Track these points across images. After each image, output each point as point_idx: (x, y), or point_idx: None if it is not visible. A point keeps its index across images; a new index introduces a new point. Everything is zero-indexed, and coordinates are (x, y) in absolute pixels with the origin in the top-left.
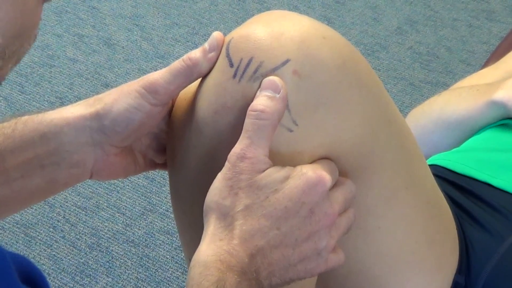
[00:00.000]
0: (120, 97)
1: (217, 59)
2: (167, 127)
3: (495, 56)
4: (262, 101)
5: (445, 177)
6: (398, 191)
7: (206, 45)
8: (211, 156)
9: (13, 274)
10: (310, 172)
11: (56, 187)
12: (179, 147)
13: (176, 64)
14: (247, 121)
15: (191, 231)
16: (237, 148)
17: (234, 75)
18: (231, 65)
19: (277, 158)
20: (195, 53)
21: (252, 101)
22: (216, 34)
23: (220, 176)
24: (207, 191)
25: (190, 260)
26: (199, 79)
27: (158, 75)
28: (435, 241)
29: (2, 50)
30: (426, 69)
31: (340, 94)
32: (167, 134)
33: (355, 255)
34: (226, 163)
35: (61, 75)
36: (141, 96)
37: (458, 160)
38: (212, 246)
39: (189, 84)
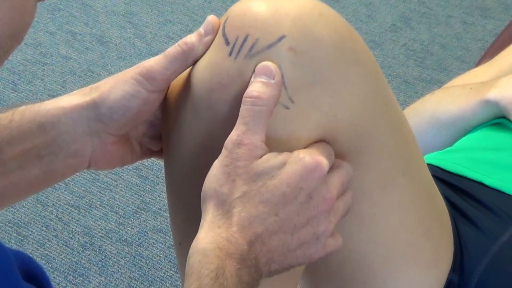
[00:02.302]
0: (117, 84)
1: (211, 42)
2: (162, 111)
3: (489, 53)
4: (257, 87)
5: (439, 176)
6: (395, 177)
7: (202, 29)
8: (206, 135)
9: (15, 272)
10: (307, 157)
11: (54, 178)
12: (174, 127)
13: (172, 49)
14: (243, 107)
15: (183, 213)
16: (233, 135)
17: (230, 53)
18: (227, 43)
19: (274, 137)
20: (191, 38)
21: (248, 78)
22: (211, 18)
23: (217, 163)
24: (201, 171)
25: (179, 243)
26: None
27: (154, 61)
28: (431, 233)
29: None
30: (421, 66)
31: (337, 72)
32: (162, 117)
33: (350, 243)
34: (223, 149)
35: (54, 73)
36: (138, 83)
37: (451, 160)
38: (210, 234)
39: (185, 69)
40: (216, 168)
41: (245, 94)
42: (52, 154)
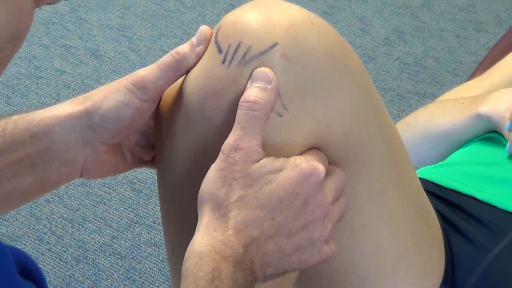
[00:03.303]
0: (110, 94)
1: (203, 52)
2: (154, 120)
3: (482, 67)
4: (254, 92)
5: (431, 191)
6: (386, 189)
7: (194, 39)
8: (199, 143)
9: (13, 268)
10: (304, 163)
11: (47, 186)
12: (167, 136)
13: (164, 58)
14: (240, 112)
15: (176, 222)
16: (230, 139)
17: (223, 61)
18: (220, 51)
19: (268, 144)
20: (183, 47)
21: (241, 86)
22: (204, 28)
23: (213, 167)
24: (194, 179)
25: (172, 253)
26: None
27: (146, 71)
28: (422, 245)
29: None
30: (414, 79)
31: (330, 80)
32: (154, 126)
33: (341, 254)
34: (220, 154)
35: (48, 87)
36: (131, 92)
37: (443, 174)
38: (206, 237)
39: (178, 78)
40: (212, 172)
41: (241, 99)
42: (45, 163)
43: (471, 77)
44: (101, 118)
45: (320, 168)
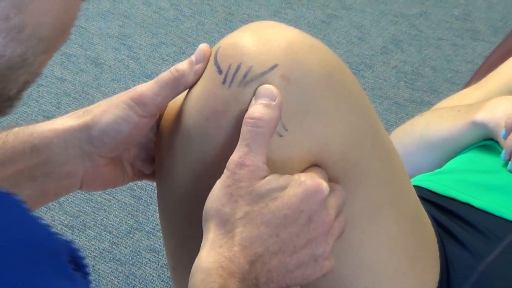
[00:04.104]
0: (109, 108)
1: (203, 70)
2: (155, 137)
3: (478, 75)
4: (258, 109)
5: (428, 198)
6: (382, 205)
7: (193, 57)
8: (200, 162)
9: (65, 260)
10: (309, 181)
11: (47, 198)
12: (168, 154)
13: (164, 75)
14: (244, 128)
15: (176, 238)
16: (235, 156)
17: (224, 81)
18: (220, 72)
19: (268, 164)
20: (182, 65)
21: (243, 105)
22: (203, 46)
23: (219, 184)
24: (194, 197)
25: (173, 268)
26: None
27: (145, 87)
28: (418, 257)
29: (49, 43)
30: (411, 88)
31: (328, 102)
32: (155, 143)
33: (338, 268)
34: (225, 170)
35: (48, 94)
36: (129, 107)
37: (440, 182)
38: (212, 253)
39: (176, 95)
40: (218, 189)
41: (246, 115)
42: (44, 175)
43: (467, 85)
44: (99, 132)
45: (324, 185)
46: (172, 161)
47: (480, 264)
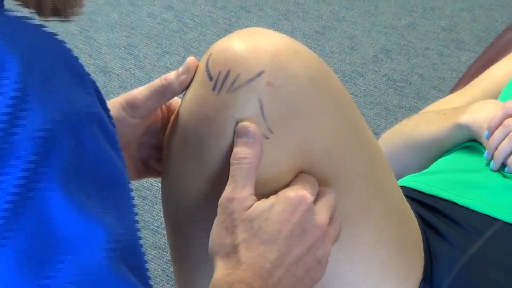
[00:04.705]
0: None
1: (189, 81)
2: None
3: (462, 82)
4: (240, 149)
5: (414, 198)
6: (370, 201)
7: (180, 68)
8: (194, 163)
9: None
10: (292, 194)
11: None
12: (168, 155)
13: (155, 82)
14: (232, 168)
15: (177, 232)
16: (225, 193)
17: (214, 87)
18: (210, 78)
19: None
20: (171, 75)
21: (231, 111)
22: (190, 59)
23: (215, 223)
24: (190, 195)
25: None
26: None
27: (138, 91)
28: (404, 249)
29: None
30: (400, 94)
31: (311, 105)
32: (164, 143)
33: (331, 262)
34: (218, 208)
35: None
36: (122, 108)
37: (426, 182)
38: (222, 278)
39: (164, 101)
40: (215, 227)
41: (232, 156)
42: None
43: (452, 91)
44: None
45: (307, 195)
46: (171, 161)
47: (462, 257)
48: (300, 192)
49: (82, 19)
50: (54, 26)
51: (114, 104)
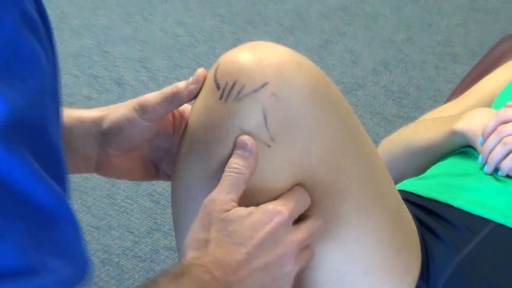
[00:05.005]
0: (120, 108)
1: (197, 91)
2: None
3: (456, 93)
4: (235, 160)
5: (412, 201)
6: (368, 204)
7: (190, 79)
8: (200, 168)
9: None
10: (271, 206)
11: None
12: (177, 159)
13: (166, 89)
14: (224, 174)
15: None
16: (210, 195)
17: (221, 97)
18: (218, 87)
19: (259, 173)
20: (181, 84)
21: (236, 119)
22: (199, 71)
23: (195, 220)
24: (193, 199)
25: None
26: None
27: (150, 96)
28: (401, 249)
29: None
30: (398, 105)
31: (312, 115)
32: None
33: (332, 264)
34: (201, 207)
35: None
36: (134, 110)
37: (423, 186)
38: (185, 260)
39: (173, 108)
40: (194, 224)
41: (227, 165)
42: (66, 151)
43: (447, 101)
44: (107, 126)
45: (283, 210)
46: (179, 165)
47: (457, 256)
48: (278, 207)
49: (98, 33)
50: (71, 41)
51: (128, 105)
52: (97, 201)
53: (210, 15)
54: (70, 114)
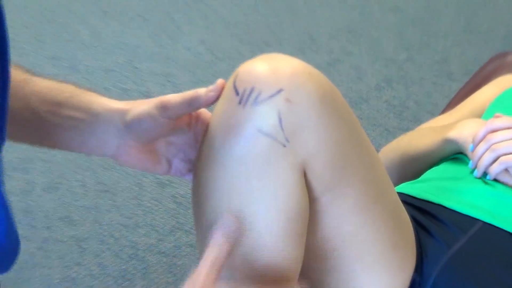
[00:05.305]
0: (143, 104)
1: (215, 98)
2: (193, 142)
3: (451, 104)
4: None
5: (408, 202)
6: (368, 204)
7: (210, 87)
8: (219, 167)
9: None
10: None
11: (84, 149)
12: (198, 159)
13: (187, 92)
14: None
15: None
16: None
17: (240, 102)
18: (237, 93)
19: (274, 170)
20: (201, 90)
21: (253, 122)
22: (219, 81)
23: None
24: (213, 193)
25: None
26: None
27: (172, 96)
28: (398, 245)
29: None
30: (399, 118)
31: (320, 119)
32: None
33: (336, 257)
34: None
35: None
36: (155, 107)
37: (419, 188)
38: None
39: (190, 110)
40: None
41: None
42: (88, 132)
43: (441, 113)
44: (130, 119)
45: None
46: (200, 164)
47: (448, 252)
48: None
49: (128, 51)
50: (104, 58)
51: (151, 102)
52: (125, 202)
53: (230, 35)
54: (100, 101)
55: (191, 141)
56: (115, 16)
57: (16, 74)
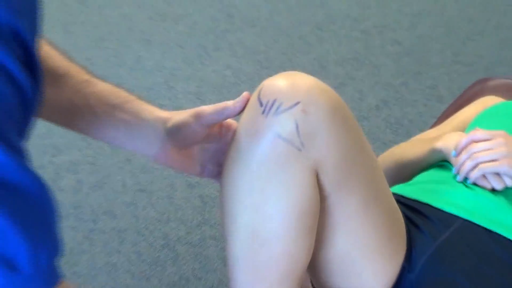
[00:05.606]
0: (182, 113)
1: (241, 109)
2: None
3: (438, 122)
4: None
5: (401, 201)
6: (369, 201)
7: (237, 99)
8: (244, 170)
9: None
10: None
11: (130, 145)
12: (225, 161)
13: (218, 104)
14: None
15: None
16: None
17: (263, 112)
18: (261, 104)
19: (291, 171)
20: (229, 102)
21: (274, 129)
22: (245, 93)
23: None
24: (237, 192)
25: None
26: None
27: (206, 107)
28: (392, 238)
29: None
30: (395, 134)
31: (331, 129)
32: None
33: (339, 247)
34: None
35: None
36: (191, 116)
37: (410, 190)
38: None
39: (222, 119)
40: None
41: None
42: (136, 133)
43: (432, 127)
44: (170, 125)
45: None
46: (227, 165)
47: (433, 243)
48: None
49: (165, 73)
50: (145, 78)
51: (188, 112)
52: (160, 199)
53: (252, 61)
54: (150, 110)
55: (222, 148)
56: (156, 44)
57: (80, 75)
